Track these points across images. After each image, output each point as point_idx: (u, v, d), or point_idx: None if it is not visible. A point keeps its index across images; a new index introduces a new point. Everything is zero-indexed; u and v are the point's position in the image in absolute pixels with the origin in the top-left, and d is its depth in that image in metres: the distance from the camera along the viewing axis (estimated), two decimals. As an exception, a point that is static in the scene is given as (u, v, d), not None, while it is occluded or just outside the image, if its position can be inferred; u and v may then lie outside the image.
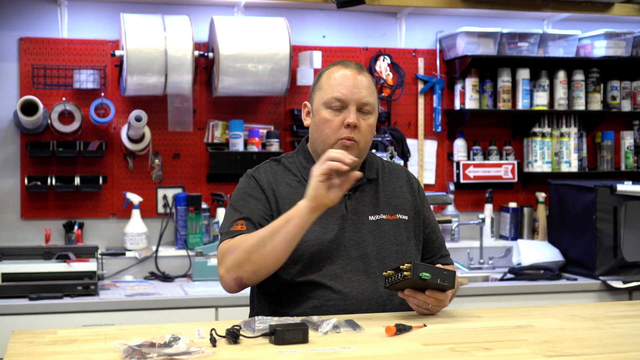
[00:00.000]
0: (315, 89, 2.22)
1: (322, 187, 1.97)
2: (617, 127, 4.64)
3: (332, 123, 2.15)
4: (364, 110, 2.16)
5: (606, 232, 3.92)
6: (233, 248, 2.05)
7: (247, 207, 2.15)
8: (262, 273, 2.04)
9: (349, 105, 2.14)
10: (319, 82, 2.22)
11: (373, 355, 1.65)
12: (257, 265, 2.02)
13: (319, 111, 2.18)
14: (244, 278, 2.05)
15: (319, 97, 2.19)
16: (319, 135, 2.18)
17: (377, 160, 2.32)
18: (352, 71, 2.17)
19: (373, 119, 2.19)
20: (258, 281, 2.08)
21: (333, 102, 2.15)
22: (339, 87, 2.15)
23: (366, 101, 2.16)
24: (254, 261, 2.02)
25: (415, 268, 1.93)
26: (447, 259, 2.34)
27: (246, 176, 2.24)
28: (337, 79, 2.16)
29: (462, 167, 4.36)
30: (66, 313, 3.27)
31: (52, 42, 3.92)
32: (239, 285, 2.07)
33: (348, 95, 2.14)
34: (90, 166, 3.97)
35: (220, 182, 4.11)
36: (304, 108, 2.27)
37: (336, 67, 2.20)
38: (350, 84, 2.15)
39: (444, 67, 4.43)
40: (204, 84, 4.09)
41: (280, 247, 2.00)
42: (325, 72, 2.21)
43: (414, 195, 2.29)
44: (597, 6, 4.34)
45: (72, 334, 1.85)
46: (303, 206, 1.99)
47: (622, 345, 1.76)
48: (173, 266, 3.92)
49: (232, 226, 2.12)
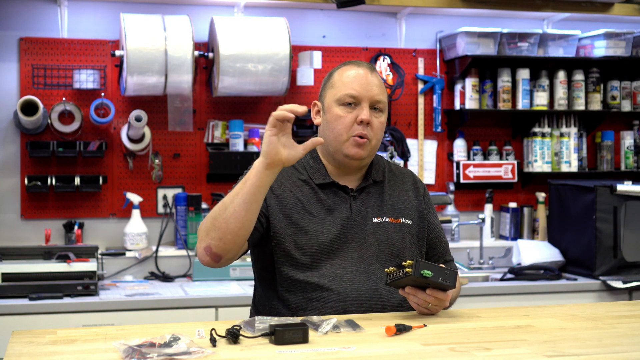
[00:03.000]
0: (327, 87, 2.22)
1: (274, 141, 1.92)
2: (617, 127, 4.64)
3: (345, 119, 2.15)
4: (376, 108, 2.17)
5: (606, 232, 3.92)
6: (203, 220, 2.05)
7: None
8: (228, 238, 1.99)
9: (362, 102, 2.15)
10: (330, 80, 2.22)
11: (373, 355, 1.65)
12: (221, 230, 1.98)
13: (331, 108, 2.18)
14: (213, 246, 2.00)
15: (331, 95, 2.19)
16: (330, 133, 2.18)
17: (384, 163, 2.32)
18: (365, 70, 2.19)
19: (384, 117, 2.20)
20: (227, 249, 2.01)
21: (346, 99, 2.15)
22: (352, 84, 2.16)
23: (379, 99, 2.17)
24: (218, 226, 1.98)
25: (417, 265, 1.93)
26: (451, 264, 2.34)
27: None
28: (350, 76, 2.17)
29: (462, 167, 4.36)
30: (66, 313, 3.27)
31: (52, 42, 3.92)
32: (210, 255, 2.02)
33: (362, 92, 2.15)
34: (90, 166, 3.97)
35: (220, 182, 4.11)
36: (314, 107, 2.26)
37: (349, 66, 2.21)
38: (364, 82, 2.16)
39: (444, 67, 4.43)
40: (204, 84, 4.09)
41: (240, 208, 1.96)
42: (337, 71, 2.22)
43: (419, 199, 2.29)
44: (597, 6, 4.34)
45: (72, 334, 1.85)
46: (258, 164, 1.95)
47: (622, 345, 1.75)
48: (173, 266, 3.92)
49: None
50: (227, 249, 2.01)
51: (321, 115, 2.23)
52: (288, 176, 2.20)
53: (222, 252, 2.02)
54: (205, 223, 2.03)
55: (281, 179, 2.19)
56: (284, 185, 2.18)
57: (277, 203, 2.15)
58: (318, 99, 2.26)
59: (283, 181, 2.18)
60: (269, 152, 1.93)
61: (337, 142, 2.16)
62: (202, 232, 2.04)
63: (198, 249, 2.06)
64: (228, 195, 2.01)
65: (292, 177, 2.21)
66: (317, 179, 2.19)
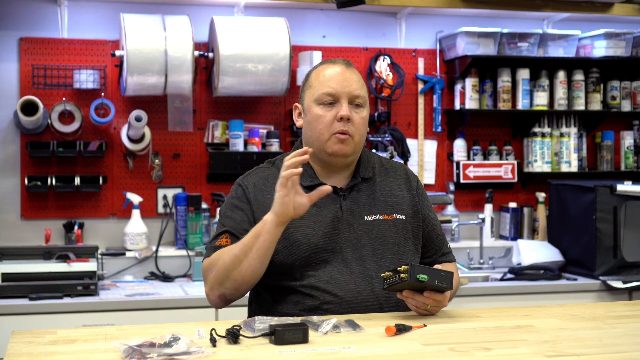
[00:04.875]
0: (305, 89, 2.21)
1: (287, 202, 1.97)
2: (617, 127, 4.64)
3: (325, 118, 2.14)
4: (356, 103, 2.16)
5: (606, 232, 3.92)
6: (212, 266, 2.07)
7: (232, 219, 2.15)
8: (244, 288, 2.08)
9: (340, 98, 2.14)
10: (307, 81, 2.21)
11: (373, 355, 1.65)
12: (237, 282, 2.05)
13: (311, 109, 2.17)
14: (228, 295, 2.08)
15: (309, 96, 2.18)
16: (312, 133, 2.17)
17: (374, 159, 2.30)
18: (341, 67, 2.18)
19: (365, 112, 2.19)
20: (242, 295, 2.11)
21: (324, 98, 2.15)
22: (329, 82, 2.15)
23: (357, 94, 2.16)
24: (234, 279, 2.04)
25: (413, 270, 1.93)
26: (449, 256, 2.31)
27: (236, 184, 2.24)
28: (327, 75, 2.16)
29: (462, 167, 4.36)
30: (66, 313, 3.27)
31: (52, 42, 3.92)
32: (223, 301, 2.11)
33: (339, 89, 2.14)
34: (90, 166, 3.97)
35: (220, 182, 4.11)
36: (295, 110, 2.26)
37: (324, 65, 2.20)
38: (340, 79, 2.15)
39: (444, 67, 4.43)
40: (204, 84, 4.09)
41: (255, 263, 2.02)
42: (313, 71, 2.21)
43: (412, 193, 2.26)
44: (597, 6, 4.34)
45: (72, 334, 1.85)
46: (270, 221, 2.00)
47: (622, 345, 1.75)
48: (173, 266, 3.92)
49: (216, 241, 2.13)
50: (241, 295, 2.11)
51: (302, 117, 2.23)
52: (274, 181, 2.13)
53: (237, 298, 2.12)
54: (217, 272, 2.06)
55: (266, 185, 2.17)
56: (269, 194, 2.12)
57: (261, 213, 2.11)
58: (298, 101, 2.26)
59: (268, 188, 2.15)
60: (282, 212, 1.98)
61: (320, 142, 2.15)
62: (214, 281, 2.07)
63: (210, 295, 2.10)
64: (238, 248, 2.03)
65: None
66: (304, 181, 2.16)
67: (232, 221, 2.15)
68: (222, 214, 2.19)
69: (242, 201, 2.17)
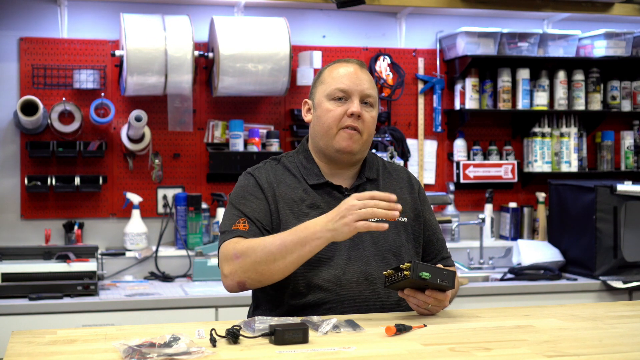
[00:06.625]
0: (317, 84, 2.24)
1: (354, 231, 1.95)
2: (617, 127, 4.64)
3: (335, 112, 2.16)
4: (366, 102, 2.19)
5: (606, 232, 3.92)
6: (240, 253, 2.05)
7: (247, 205, 2.15)
8: (267, 282, 2.07)
9: (352, 96, 2.17)
10: (320, 77, 2.24)
11: (373, 355, 1.65)
12: (264, 276, 2.04)
13: (322, 103, 2.19)
14: (247, 283, 2.08)
15: (321, 91, 2.21)
16: (321, 127, 2.19)
17: (378, 160, 2.32)
18: (354, 66, 2.21)
19: (375, 112, 2.21)
20: (261, 286, 2.11)
21: (336, 94, 2.17)
22: (342, 79, 2.18)
23: (369, 93, 2.19)
24: (261, 272, 2.03)
25: (415, 267, 1.93)
26: (448, 261, 2.32)
27: (246, 174, 2.23)
28: (340, 72, 2.20)
29: (462, 167, 4.36)
30: (66, 313, 3.27)
31: (52, 42, 3.92)
32: (241, 288, 2.10)
33: (351, 86, 2.17)
34: (90, 166, 3.97)
35: (220, 182, 4.11)
36: (304, 105, 2.28)
37: (338, 64, 2.23)
38: (354, 77, 2.18)
39: (444, 67, 4.43)
40: (204, 84, 4.09)
41: (291, 265, 2.02)
42: (327, 68, 2.24)
43: (414, 197, 2.28)
44: (597, 6, 4.33)
45: (72, 334, 1.85)
46: (324, 237, 1.98)
47: (622, 345, 1.75)
48: (173, 266, 3.92)
49: (233, 224, 2.12)
50: (261, 286, 2.11)
51: (312, 112, 2.24)
52: (282, 178, 2.20)
53: (254, 287, 2.12)
54: (243, 261, 2.04)
55: (277, 180, 2.19)
56: (280, 187, 2.17)
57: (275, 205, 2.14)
58: (309, 97, 2.27)
59: (278, 183, 2.18)
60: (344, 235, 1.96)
61: (328, 137, 2.17)
62: (236, 266, 2.05)
63: (228, 278, 2.08)
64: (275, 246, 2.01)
65: (286, 179, 2.20)
66: (310, 179, 2.19)
67: (248, 207, 2.14)
68: (235, 200, 2.17)
69: (257, 190, 2.18)
